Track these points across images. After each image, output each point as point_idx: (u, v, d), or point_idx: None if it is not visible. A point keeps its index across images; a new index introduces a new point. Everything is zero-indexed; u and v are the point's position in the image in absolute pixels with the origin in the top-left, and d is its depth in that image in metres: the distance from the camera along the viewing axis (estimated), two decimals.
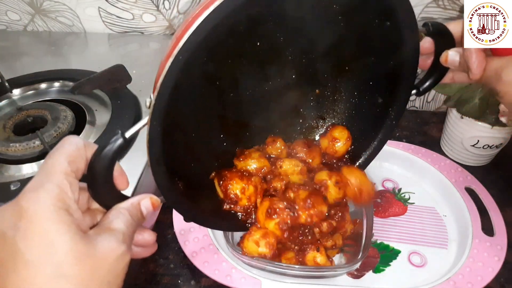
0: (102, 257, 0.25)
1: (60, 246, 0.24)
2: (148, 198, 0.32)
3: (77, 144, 0.29)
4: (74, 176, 0.27)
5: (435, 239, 0.56)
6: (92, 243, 0.25)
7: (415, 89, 0.42)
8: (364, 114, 0.48)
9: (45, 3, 0.82)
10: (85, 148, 0.29)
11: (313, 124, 0.51)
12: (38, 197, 0.25)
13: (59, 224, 0.24)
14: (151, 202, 0.32)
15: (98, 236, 0.26)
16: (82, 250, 0.25)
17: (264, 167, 0.47)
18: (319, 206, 0.47)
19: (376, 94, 0.46)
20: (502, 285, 0.51)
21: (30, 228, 0.24)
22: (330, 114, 0.50)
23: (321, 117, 0.50)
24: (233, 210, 0.45)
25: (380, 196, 0.62)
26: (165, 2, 0.79)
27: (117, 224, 0.28)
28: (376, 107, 0.46)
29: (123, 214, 0.29)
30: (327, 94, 0.48)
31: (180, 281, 0.52)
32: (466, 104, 0.61)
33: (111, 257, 0.26)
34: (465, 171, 0.61)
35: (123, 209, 0.30)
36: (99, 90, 0.64)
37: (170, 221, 0.55)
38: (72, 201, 0.26)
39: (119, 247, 0.26)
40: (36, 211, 0.24)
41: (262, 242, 0.47)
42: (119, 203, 0.30)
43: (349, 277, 0.51)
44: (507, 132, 0.61)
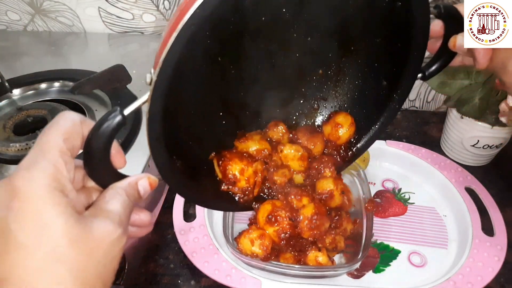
0: (98, 240, 0.25)
1: (54, 228, 0.23)
2: (146, 178, 0.31)
3: (73, 120, 0.27)
4: (69, 154, 0.26)
5: (435, 239, 0.56)
6: (88, 226, 0.24)
7: (420, 73, 0.41)
8: (367, 96, 0.47)
9: (45, 3, 0.82)
10: (82, 125, 0.27)
11: (314, 105, 0.49)
12: (32, 176, 0.24)
13: (53, 206, 0.23)
14: (148, 182, 0.31)
15: (94, 219, 0.25)
16: (77, 233, 0.24)
17: (264, 149, 0.46)
18: (324, 225, 0.47)
19: (381, 76, 0.44)
20: (502, 285, 0.51)
21: (23, 208, 0.23)
22: (332, 95, 0.48)
23: (323, 98, 0.48)
24: (231, 191, 0.44)
25: (380, 196, 0.62)
26: (165, 2, 0.79)
27: (113, 205, 0.27)
28: (380, 89, 0.45)
29: (119, 195, 0.28)
30: (331, 74, 0.46)
31: (180, 281, 0.52)
32: (466, 104, 0.61)
33: (107, 240, 0.25)
34: (465, 171, 0.61)
35: (120, 188, 0.29)
36: (99, 90, 0.64)
37: (170, 221, 0.55)
38: (67, 181, 0.25)
39: (115, 230, 0.26)
40: (30, 191, 0.23)
41: (257, 242, 0.47)
42: (116, 182, 0.29)
43: (349, 277, 0.51)
44: (507, 132, 0.61)
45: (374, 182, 0.64)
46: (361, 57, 0.44)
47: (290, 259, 0.49)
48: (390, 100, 0.45)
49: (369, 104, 0.47)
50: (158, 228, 0.57)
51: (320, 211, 0.47)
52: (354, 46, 0.43)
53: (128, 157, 0.53)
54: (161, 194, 0.59)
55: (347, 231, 0.51)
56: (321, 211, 0.47)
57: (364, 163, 0.63)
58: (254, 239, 0.48)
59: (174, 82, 0.29)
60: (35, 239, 0.23)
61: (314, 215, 0.46)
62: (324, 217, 0.47)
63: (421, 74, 0.41)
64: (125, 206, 0.28)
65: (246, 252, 0.48)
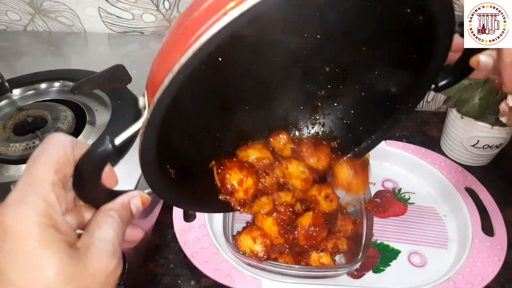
0: (93, 276, 0.24)
1: (48, 269, 0.22)
2: (139, 197, 0.30)
3: (65, 147, 0.26)
4: (61, 185, 0.25)
5: (435, 239, 0.56)
6: (82, 262, 0.24)
7: (433, 85, 0.39)
8: (372, 100, 0.44)
9: (45, 3, 0.82)
10: (73, 150, 0.26)
11: (317, 103, 0.47)
12: (22, 213, 0.23)
13: (46, 244, 0.23)
14: (141, 200, 0.30)
15: (88, 252, 0.25)
16: (72, 271, 0.23)
17: (265, 158, 0.45)
18: (321, 235, 0.48)
19: (391, 82, 0.42)
20: (502, 285, 0.51)
21: (15, 249, 0.22)
22: (336, 94, 0.46)
23: (327, 96, 0.46)
24: (229, 201, 0.43)
25: (380, 196, 0.62)
26: (165, 2, 0.79)
27: (106, 231, 0.26)
28: (387, 96, 0.43)
29: (112, 218, 0.27)
30: (338, 72, 0.44)
31: (180, 281, 0.52)
32: (466, 104, 0.60)
33: (102, 274, 0.25)
34: (465, 171, 0.61)
35: (112, 211, 0.28)
36: (99, 90, 0.64)
37: (170, 221, 0.55)
38: (59, 215, 0.24)
39: (111, 263, 0.25)
40: (21, 230, 0.23)
41: (256, 240, 0.47)
42: (108, 202, 0.29)
43: (349, 277, 0.51)
44: (507, 132, 0.61)
45: (374, 182, 0.64)
46: (372, 59, 0.42)
47: (290, 261, 0.49)
48: (396, 108, 0.43)
49: (373, 108, 0.45)
50: (158, 228, 0.57)
51: (317, 222, 0.47)
52: (366, 47, 0.41)
53: (128, 157, 0.53)
54: None
55: (347, 232, 0.51)
56: (319, 222, 0.47)
57: None
58: (253, 237, 0.48)
59: (169, 113, 0.28)
60: (29, 280, 0.22)
61: (311, 226, 0.47)
62: (321, 228, 0.47)
63: (434, 85, 0.39)
64: (118, 229, 0.27)
65: (245, 250, 0.48)
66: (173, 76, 0.24)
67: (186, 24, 0.26)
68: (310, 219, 0.47)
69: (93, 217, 0.28)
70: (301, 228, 0.47)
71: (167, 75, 0.24)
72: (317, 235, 0.47)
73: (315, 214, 0.48)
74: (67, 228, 0.25)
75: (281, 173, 0.46)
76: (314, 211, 0.48)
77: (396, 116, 0.43)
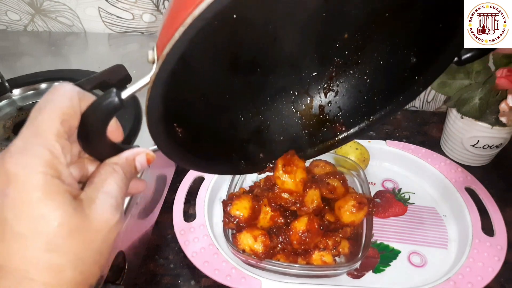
0: (96, 229, 0.24)
1: (52, 219, 0.22)
2: (144, 154, 0.30)
3: (71, 98, 0.25)
4: (66, 136, 0.25)
5: (435, 239, 0.56)
6: (86, 214, 0.24)
7: (456, 57, 0.37)
8: (390, 70, 0.42)
9: (45, 3, 0.82)
10: (80, 102, 0.26)
11: (333, 70, 0.45)
12: (27, 162, 0.22)
13: (51, 195, 0.22)
14: (146, 158, 0.30)
15: (92, 205, 0.24)
16: (76, 223, 0.23)
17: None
18: (314, 241, 0.49)
19: (412, 52, 0.40)
20: (502, 285, 0.51)
21: (19, 198, 0.22)
22: (353, 62, 0.44)
23: (344, 63, 0.44)
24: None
25: (380, 196, 0.62)
26: (165, 2, 0.79)
27: (110, 185, 0.26)
28: (406, 66, 0.41)
29: (116, 172, 0.27)
30: (357, 38, 0.41)
31: (180, 281, 0.52)
32: (466, 104, 0.60)
33: (105, 228, 0.25)
34: (465, 171, 0.61)
35: (116, 166, 0.27)
36: (99, 90, 0.64)
37: (170, 221, 0.55)
38: (63, 167, 0.24)
39: (113, 217, 0.25)
40: (25, 179, 0.22)
41: (257, 238, 0.48)
42: (113, 155, 0.28)
43: (349, 277, 0.51)
44: (507, 132, 0.61)
45: (374, 182, 0.64)
46: (394, 26, 0.39)
47: (283, 259, 0.49)
48: (414, 80, 0.41)
49: (390, 78, 0.43)
50: (158, 228, 0.57)
51: (311, 227, 0.48)
52: (389, 13, 0.38)
53: None
54: (161, 194, 0.59)
55: (347, 232, 0.51)
56: (312, 228, 0.48)
57: (364, 163, 0.63)
58: (254, 236, 0.48)
59: (178, 69, 0.26)
60: (32, 230, 0.22)
61: (305, 232, 0.47)
62: (314, 235, 0.48)
63: (457, 58, 0.37)
64: (121, 184, 0.27)
65: (244, 248, 0.48)
66: (185, 29, 0.23)
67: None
68: (304, 225, 0.48)
69: (96, 170, 0.27)
70: (294, 232, 0.48)
71: (178, 28, 0.23)
72: (310, 240, 0.48)
73: (310, 220, 0.48)
74: (71, 180, 0.25)
75: None
76: (310, 217, 0.48)
77: (413, 88, 0.41)
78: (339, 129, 0.46)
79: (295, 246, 0.48)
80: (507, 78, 0.53)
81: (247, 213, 0.50)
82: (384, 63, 0.42)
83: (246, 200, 0.50)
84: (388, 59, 0.42)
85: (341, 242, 0.50)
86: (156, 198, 0.57)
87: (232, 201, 0.51)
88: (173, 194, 0.59)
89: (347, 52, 0.43)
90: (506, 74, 0.53)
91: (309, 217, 0.48)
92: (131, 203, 0.46)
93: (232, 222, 0.50)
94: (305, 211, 0.49)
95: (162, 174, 0.58)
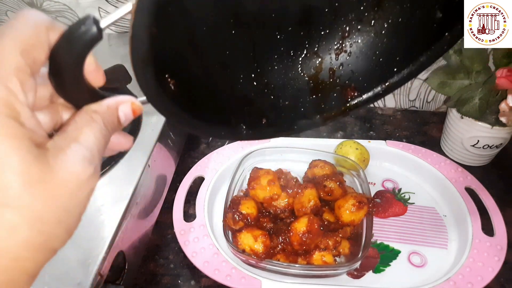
0: (61, 183, 0.20)
1: (6, 168, 0.19)
2: (129, 103, 0.26)
3: (36, 25, 0.21)
4: (28, 71, 0.20)
5: (435, 239, 0.56)
6: (50, 165, 0.20)
7: None
8: (412, 27, 0.38)
9: (45, 3, 0.82)
10: (48, 32, 0.21)
11: (346, 27, 0.40)
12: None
13: (5, 138, 0.19)
14: (132, 108, 0.26)
15: (59, 154, 0.20)
16: (36, 174, 0.19)
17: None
18: (314, 241, 0.49)
19: (437, 5, 0.36)
20: (502, 285, 0.51)
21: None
22: (369, 19, 0.40)
23: (358, 19, 0.40)
24: None
25: (380, 196, 0.62)
26: None
27: (86, 136, 0.22)
28: (430, 22, 0.37)
29: (95, 122, 0.23)
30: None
31: (180, 281, 0.52)
32: (466, 104, 0.60)
33: (73, 182, 0.21)
34: (465, 171, 0.61)
35: (96, 114, 0.23)
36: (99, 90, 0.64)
37: (170, 221, 0.55)
38: (23, 107, 0.20)
39: (85, 170, 0.21)
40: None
41: (257, 238, 0.48)
42: (92, 103, 0.24)
43: (349, 277, 0.51)
44: (507, 132, 0.61)
45: (374, 182, 0.64)
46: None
47: (282, 259, 0.49)
48: (438, 37, 0.37)
49: (412, 37, 0.39)
50: (158, 228, 0.57)
51: (311, 228, 0.48)
52: None
53: (128, 157, 0.53)
54: (161, 194, 0.59)
55: (347, 232, 0.51)
56: (313, 229, 0.48)
57: (364, 163, 0.63)
58: (254, 236, 0.48)
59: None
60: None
61: (305, 233, 0.48)
62: (314, 235, 0.48)
63: None
64: (100, 137, 0.23)
65: (244, 248, 0.48)
66: None
67: None
68: (305, 226, 0.48)
69: (71, 118, 0.23)
70: (294, 233, 0.48)
71: None
72: (310, 241, 0.48)
73: (310, 221, 0.48)
74: (33, 124, 0.21)
75: None
76: (309, 217, 0.48)
77: (438, 47, 0.37)
78: (351, 94, 0.41)
79: (295, 247, 0.49)
80: (507, 78, 0.53)
81: (256, 212, 0.51)
82: (405, 19, 0.38)
83: (253, 200, 0.53)
84: (410, 14, 0.38)
85: (341, 242, 0.50)
86: (156, 198, 0.57)
87: (241, 200, 0.52)
88: (173, 194, 0.59)
89: (362, 8, 0.39)
90: (506, 74, 0.53)
91: (309, 217, 0.48)
92: (131, 203, 0.46)
93: (242, 221, 0.50)
94: (304, 211, 0.49)
95: (162, 174, 0.58)
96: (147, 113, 0.62)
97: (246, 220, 0.51)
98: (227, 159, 0.64)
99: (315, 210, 0.51)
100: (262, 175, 0.54)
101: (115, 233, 0.43)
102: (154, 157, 0.53)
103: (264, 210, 0.54)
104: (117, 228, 0.43)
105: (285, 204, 0.52)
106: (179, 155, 0.66)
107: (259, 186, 0.53)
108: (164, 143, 0.57)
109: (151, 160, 0.52)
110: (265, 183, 0.53)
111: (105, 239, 0.42)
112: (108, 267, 0.41)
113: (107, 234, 0.42)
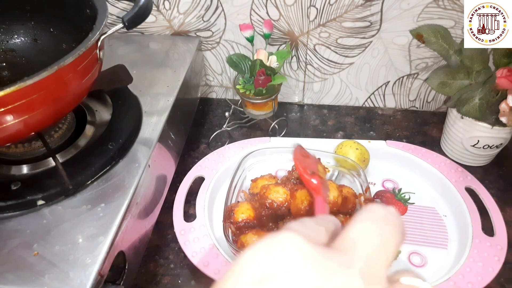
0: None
1: None
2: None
3: None
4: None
5: (435, 239, 0.56)
6: None
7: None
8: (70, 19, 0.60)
9: None
10: None
11: None
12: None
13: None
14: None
15: None
16: None
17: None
18: None
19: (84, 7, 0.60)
20: (502, 285, 0.51)
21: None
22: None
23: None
24: None
25: (380, 196, 0.62)
26: (165, 2, 0.79)
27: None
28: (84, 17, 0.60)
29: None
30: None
31: (180, 281, 0.52)
32: (466, 104, 0.61)
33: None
34: (465, 171, 0.61)
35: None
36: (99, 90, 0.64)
37: (170, 221, 0.55)
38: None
39: None
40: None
41: None
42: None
43: None
44: (507, 132, 0.61)
45: (374, 182, 0.64)
46: None
47: None
48: None
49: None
50: (158, 228, 0.57)
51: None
52: None
53: (128, 156, 0.53)
54: (161, 194, 0.59)
55: None
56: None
57: (364, 163, 0.63)
58: (254, 236, 0.48)
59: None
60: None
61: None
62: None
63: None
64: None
65: (245, 247, 0.48)
66: None
67: None
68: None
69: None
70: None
71: None
72: None
73: None
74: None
75: None
76: None
77: None
78: None
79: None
80: (507, 78, 0.53)
81: (253, 212, 0.52)
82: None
83: (245, 203, 0.54)
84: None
85: None
86: (156, 198, 0.57)
87: (233, 208, 0.53)
88: (173, 194, 0.59)
89: None
90: (506, 74, 0.53)
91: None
92: (131, 203, 0.46)
93: (241, 229, 0.51)
94: (300, 214, 0.49)
95: (162, 174, 0.58)
96: (147, 113, 0.62)
97: (245, 223, 0.50)
98: (227, 159, 0.64)
99: (310, 211, 0.50)
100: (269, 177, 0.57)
101: (115, 233, 0.43)
102: (154, 157, 0.53)
103: (264, 210, 0.53)
104: (117, 228, 0.43)
105: (283, 199, 0.51)
106: (179, 155, 0.66)
107: (261, 178, 0.56)
108: (164, 143, 0.57)
109: (151, 160, 0.52)
110: (267, 177, 0.56)
111: (105, 239, 0.42)
112: (108, 267, 0.41)
113: (107, 234, 0.43)
